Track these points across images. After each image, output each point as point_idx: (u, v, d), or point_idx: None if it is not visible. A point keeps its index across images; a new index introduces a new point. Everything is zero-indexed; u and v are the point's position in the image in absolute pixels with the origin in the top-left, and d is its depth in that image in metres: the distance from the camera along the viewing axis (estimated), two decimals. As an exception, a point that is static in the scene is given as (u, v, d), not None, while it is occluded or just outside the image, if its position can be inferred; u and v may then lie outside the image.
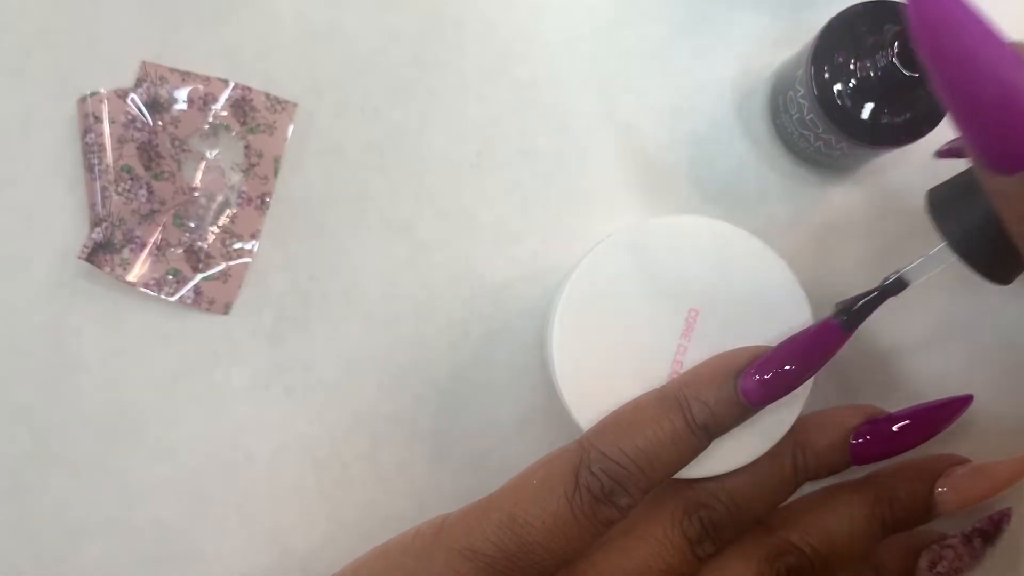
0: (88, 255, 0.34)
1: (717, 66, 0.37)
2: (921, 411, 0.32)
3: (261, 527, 0.35)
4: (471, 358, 0.35)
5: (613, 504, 0.27)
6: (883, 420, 0.31)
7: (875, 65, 0.31)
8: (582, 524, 0.27)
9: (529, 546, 0.27)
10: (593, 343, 0.30)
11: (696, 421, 0.28)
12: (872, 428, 0.31)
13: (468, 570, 0.27)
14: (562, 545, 0.27)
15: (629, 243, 0.30)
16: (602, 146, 0.36)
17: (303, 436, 0.35)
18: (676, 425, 0.28)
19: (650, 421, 0.28)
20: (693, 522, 0.29)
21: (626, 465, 0.27)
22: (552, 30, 0.37)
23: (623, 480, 0.27)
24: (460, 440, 0.35)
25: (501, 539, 0.27)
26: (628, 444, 0.28)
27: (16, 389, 0.34)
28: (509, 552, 0.27)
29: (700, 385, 0.28)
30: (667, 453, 0.28)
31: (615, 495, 0.27)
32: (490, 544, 0.27)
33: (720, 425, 0.28)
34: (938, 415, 0.32)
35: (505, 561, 0.27)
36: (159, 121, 0.35)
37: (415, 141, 0.36)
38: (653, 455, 0.28)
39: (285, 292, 0.35)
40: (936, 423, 0.32)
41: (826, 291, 0.36)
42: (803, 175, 0.37)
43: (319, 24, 0.36)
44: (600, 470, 0.27)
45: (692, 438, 0.28)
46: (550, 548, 0.27)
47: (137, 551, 0.34)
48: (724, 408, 0.28)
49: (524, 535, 0.27)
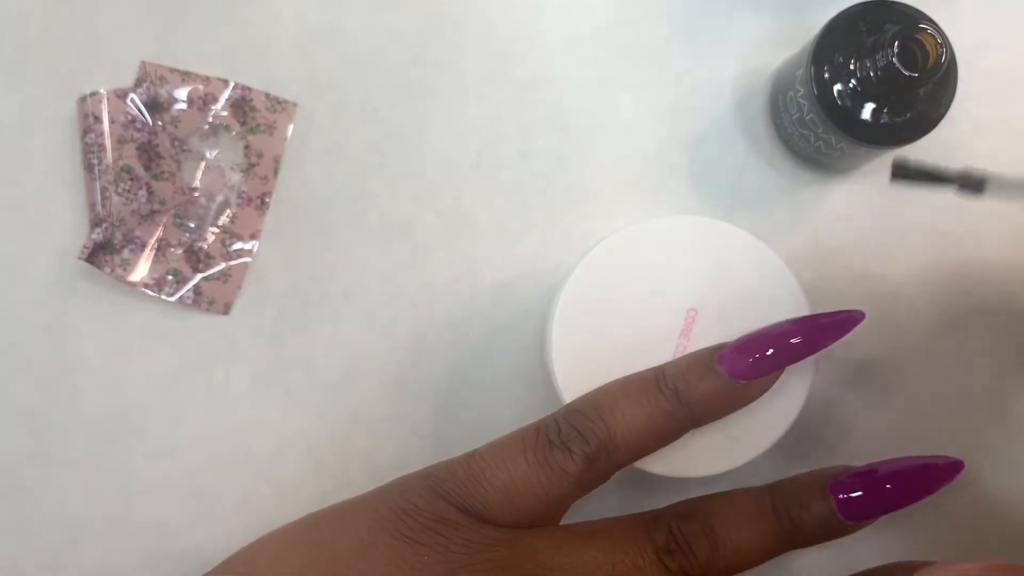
0: (88, 255, 0.34)
1: (717, 66, 0.37)
2: (912, 469, 0.28)
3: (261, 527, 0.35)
4: (471, 358, 0.35)
5: (567, 449, 0.27)
6: (866, 472, 0.28)
7: (875, 65, 0.31)
8: (530, 464, 0.27)
9: (474, 474, 0.27)
10: (592, 343, 0.30)
11: (667, 381, 0.28)
12: (856, 480, 0.28)
13: (416, 483, 0.28)
14: (507, 482, 0.27)
15: (629, 243, 0.30)
16: (602, 146, 0.36)
17: (303, 436, 0.35)
18: (648, 388, 0.28)
19: (622, 384, 0.28)
20: (661, 527, 0.28)
21: (588, 414, 0.28)
22: (552, 30, 0.37)
23: (582, 428, 0.27)
24: (460, 440, 0.35)
25: (453, 465, 0.28)
26: (596, 401, 0.28)
27: (16, 389, 0.34)
28: (456, 476, 0.27)
29: (681, 357, 0.29)
30: (633, 412, 0.27)
31: (570, 440, 0.27)
32: (443, 468, 0.28)
33: (696, 396, 0.27)
34: (932, 476, 0.28)
35: (451, 483, 0.27)
36: (159, 121, 0.35)
37: (415, 141, 0.36)
38: (618, 411, 0.27)
39: (285, 292, 0.35)
40: (930, 484, 0.28)
41: (825, 291, 0.36)
42: (803, 175, 0.37)
43: (319, 24, 0.36)
44: (562, 416, 0.28)
45: (662, 400, 0.28)
46: (495, 484, 0.27)
47: (137, 551, 0.34)
48: (700, 374, 0.28)
49: (472, 464, 0.28)
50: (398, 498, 0.28)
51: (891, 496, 0.28)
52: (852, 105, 0.32)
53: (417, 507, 0.27)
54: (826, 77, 0.32)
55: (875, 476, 0.28)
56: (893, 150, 0.33)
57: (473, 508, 0.27)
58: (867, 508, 0.28)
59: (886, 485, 0.28)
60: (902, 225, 0.37)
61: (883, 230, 0.37)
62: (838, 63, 0.32)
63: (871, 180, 0.37)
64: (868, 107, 0.32)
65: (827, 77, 0.32)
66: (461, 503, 0.27)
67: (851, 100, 0.32)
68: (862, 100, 0.31)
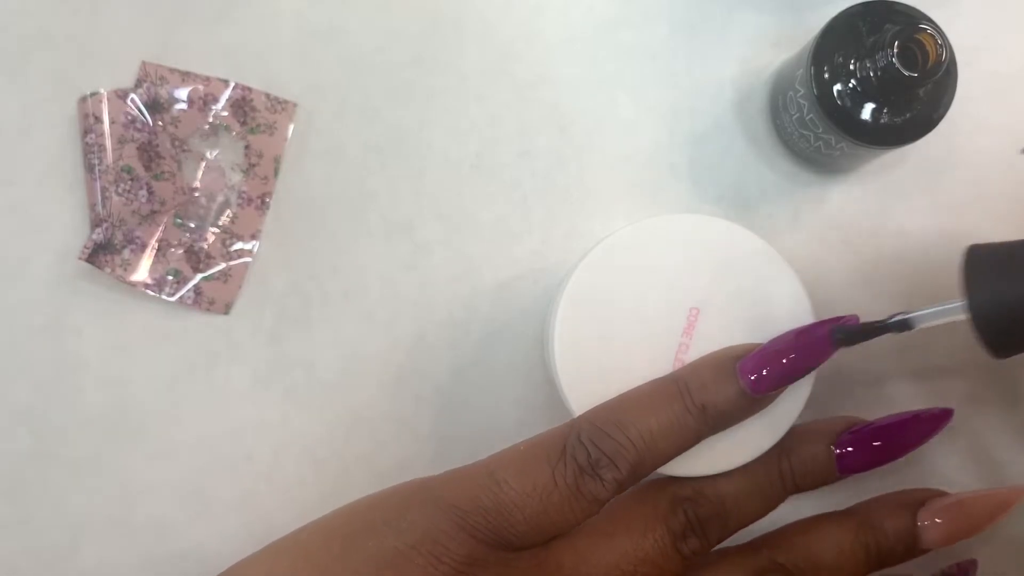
0: (88, 255, 0.34)
1: (717, 66, 0.37)
2: (903, 422, 0.31)
3: (261, 527, 0.35)
4: (471, 358, 0.35)
5: (599, 477, 0.26)
6: (865, 429, 0.31)
7: (875, 65, 0.31)
8: (563, 494, 0.26)
9: (505, 507, 0.26)
10: (594, 342, 0.30)
11: (694, 401, 0.27)
12: (855, 437, 0.30)
13: (442, 521, 0.26)
14: (539, 512, 0.26)
15: (629, 242, 0.30)
16: (602, 146, 0.36)
17: (303, 436, 0.35)
18: (673, 402, 0.27)
19: (646, 398, 0.28)
20: (678, 515, 0.29)
21: (615, 436, 0.27)
22: (552, 30, 0.37)
23: (611, 452, 0.27)
24: (460, 440, 0.35)
25: (478, 495, 0.26)
26: (621, 417, 0.27)
27: (16, 389, 0.34)
28: (484, 508, 0.26)
29: (700, 367, 0.28)
30: (660, 429, 0.27)
31: (601, 467, 0.26)
32: (466, 498, 0.26)
33: (719, 411, 0.28)
34: (921, 428, 0.31)
35: (478, 517, 0.26)
36: (159, 121, 0.35)
37: (415, 141, 0.36)
38: (645, 429, 0.27)
39: (285, 292, 0.35)
40: (919, 436, 0.31)
41: (826, 290, 0.36)
42: (803, 175, 0.37)
43: (319, 24, 0.36)
44: (588, 439, 0.27)
45: (688, 417, 0.27)
46: (527, 513, 0.26)
47: (137, 551, 0.34)
48: (722, 390, 0.27)
49: (501, 494, 0.26)
50: (425, 538, 0.26)
51: (882, 451, 0.30)
52: (852, 105, 0.32)
53: (448, 550, 0.26)
54: (826, 77, 0.32)
55: (865, 432, 0.31)
56: (893, 150, 0.33)
57: (503, 540, 0.27)
58: (859, 463, 0.30)
59: (874, 442, 0.30)
60: (902, 225, 0.37)
61: (883, 230, 0.37)
62: (838, 63, 0.32)
63: (871, 180, 0.37)
64: (868, 107, 0.32)
65: (827, 77, 0.32)
66: (491, 538, 0.26)
67: (851, 100, 0.32)
68: (862, 100, 0.31)
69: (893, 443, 0.31)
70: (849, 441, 0.30)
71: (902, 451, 0.31)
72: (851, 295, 0.36)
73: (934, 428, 0.31)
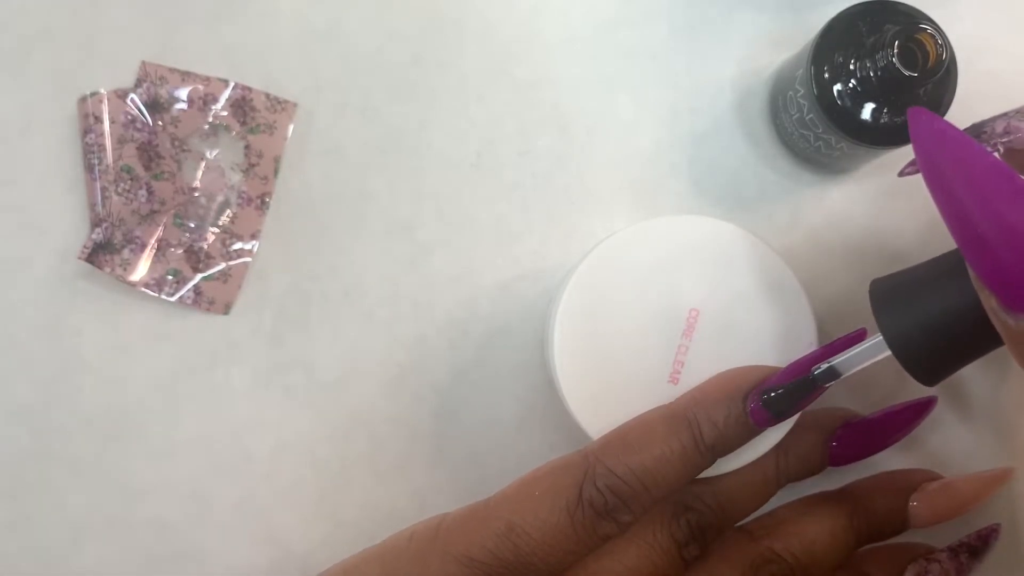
0: (88, 255, 0.34)
1: (717, 66, 0.37)
2: (890, 414, 0.33)
3: (261, 527, 0.35)
4: (471, 358, 0.35)
5: (615, 520, 0.27)
6: (856, 424, 0.32)
7: (875, 65, 0.31)
8: (580, 537, 0.27)
9: (526, 557, 0.27)
10: (594, 343, 0.30)
11: (705, 441, 0.28)
12: (846, 432, 0.32)
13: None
14: (559, 558, 0.27)
15: (629, 243, 0.30)
16: (602, 146, 0.36)
17: (303, 436, 0.35)
18: (685, 445, 0.28)
19: (659, 440, 0.28)
20: (681, 525, 0.29)
21: (631, 483, 0.27)
22: (552, 30, 0.37)
23: (627, 498, 0.27)
24: (460, 440, 0.35)
25: (498, 547, 0.27)
26: (635, 462, 0.27)
27: (16, 389, 0.34)
28: (505, 561, 0.27)
29: (709, 404, 0.28)
30: (673, 472, 0.28)
31: (618, 512, 0.27)
32: (486, 552, 0.27)
33: (727, 445, 0.28)
34: (906, 417, 0.33)
35: (501, 569, 0.27)
36: (159, 121, 0.35)
37: (415, 141, 0.36)
38: (659, 474, 0.27)
39: (285, 292, 0.35)
40: (904, 425, 0.33)
41: (826, 291, 0.36)
42: (803, 175, 0.37)
43: (319, 24, 0.36)
44: (605, 486, 0.27)
45: (698, 457, 0.28)
46: (547, 560, 0.27)
47: (137, 551, 0.34)
48: (733, 429, 0.28)
49: (522, 545, 0.27)
50: None
51: (871, 445, 0.32)
52: (852, 105, 0.32)
53: None
54: (826, 77, 0.32)
55: (856, 427, 0.32)
56: (893, 150, 0.33)
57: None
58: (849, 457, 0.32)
59: (864, 437, 0.32)
60: (902, 225, 0.37)
61: (883, 230, 0.37)
62: (838, 63, 0.32)
63: (871, 180, 0.37)
64: (868, 107, 0.32)
65: (827, 77, 0.32)
66: None
67: (851, 100, 0.32)
68: (862, 100, 0.31)
69: (884, 435, 0.33)
70: (841, 435, 0.32)
71: (889, 443, 0.33)
72: (851, 295, 0.36)
73: (917, 418, 0.33)
